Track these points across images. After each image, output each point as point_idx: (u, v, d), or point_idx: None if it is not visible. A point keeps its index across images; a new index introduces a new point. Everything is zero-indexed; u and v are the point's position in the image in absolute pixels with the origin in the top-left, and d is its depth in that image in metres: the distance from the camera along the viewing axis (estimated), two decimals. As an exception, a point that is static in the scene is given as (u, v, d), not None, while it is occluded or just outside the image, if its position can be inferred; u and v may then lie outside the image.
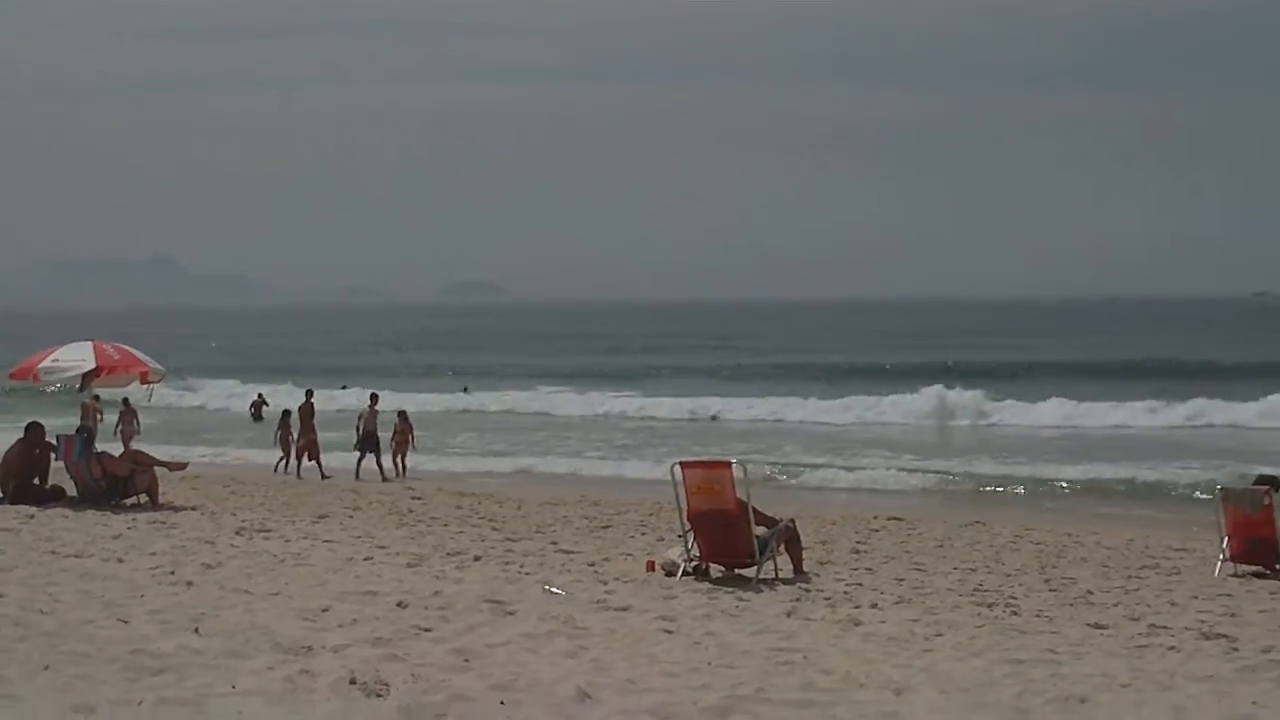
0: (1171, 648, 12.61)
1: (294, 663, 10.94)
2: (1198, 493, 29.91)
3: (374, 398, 36.20)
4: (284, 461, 35.74)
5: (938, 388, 56.44)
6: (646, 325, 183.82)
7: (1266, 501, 18.52)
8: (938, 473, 34.85)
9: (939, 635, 13.14)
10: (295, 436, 35.64)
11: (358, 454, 34.32)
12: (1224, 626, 13.74)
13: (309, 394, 36.76)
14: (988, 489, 32.68)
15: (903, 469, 35.61)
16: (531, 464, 38.58)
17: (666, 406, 59.23)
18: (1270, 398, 51.61)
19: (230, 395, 65.83)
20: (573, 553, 18.96)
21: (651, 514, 24.79)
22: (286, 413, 37.38)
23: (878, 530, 23.84)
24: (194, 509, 23.87)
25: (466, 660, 11.27)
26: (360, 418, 34.97)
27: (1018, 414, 53.68)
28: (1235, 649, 12.59)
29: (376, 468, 33.88)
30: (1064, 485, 32.78)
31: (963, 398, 55.66)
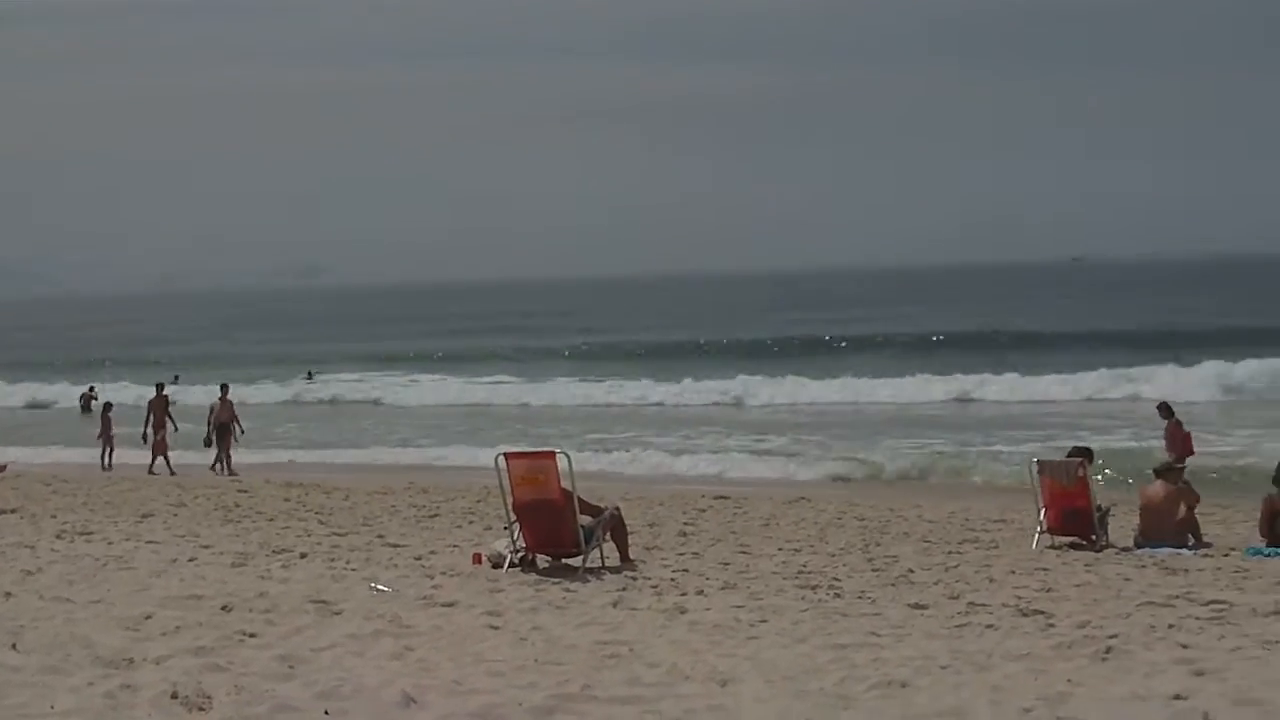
0: (989, 626, 12.85)
1: (115, 677, 10.73)
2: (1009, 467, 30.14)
3: (224, 388, 35.74)
4: (105, 455, 35.17)
5: (741, 377, 56.72)
6: (468, 306, 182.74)
7: (1080, 473, 19.00)
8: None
9: (764, 621, 13.27)
10: (114, 431, 35.14)
11: (212, 447, 33.93)
12: (1040, 602, 14.01)
13: (160, 387, 36.16)
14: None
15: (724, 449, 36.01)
16: (364, 452, 38.42)
17: (506, 392, 58.98)
18: (1085, 374, 52.42)
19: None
20: (399, 546, 18.87)
21: (480, 500, 24.78)
22: (108, 405, 36.79)
23: (705, 510, 24.04)
24: (13, 512, 23.35)
25: (291, 667, 11.14)
26: (211, 410, 34.46)
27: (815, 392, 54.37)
28: (1051, 625, 12.84)
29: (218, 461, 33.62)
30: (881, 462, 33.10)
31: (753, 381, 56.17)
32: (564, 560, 16.73)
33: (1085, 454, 19.95)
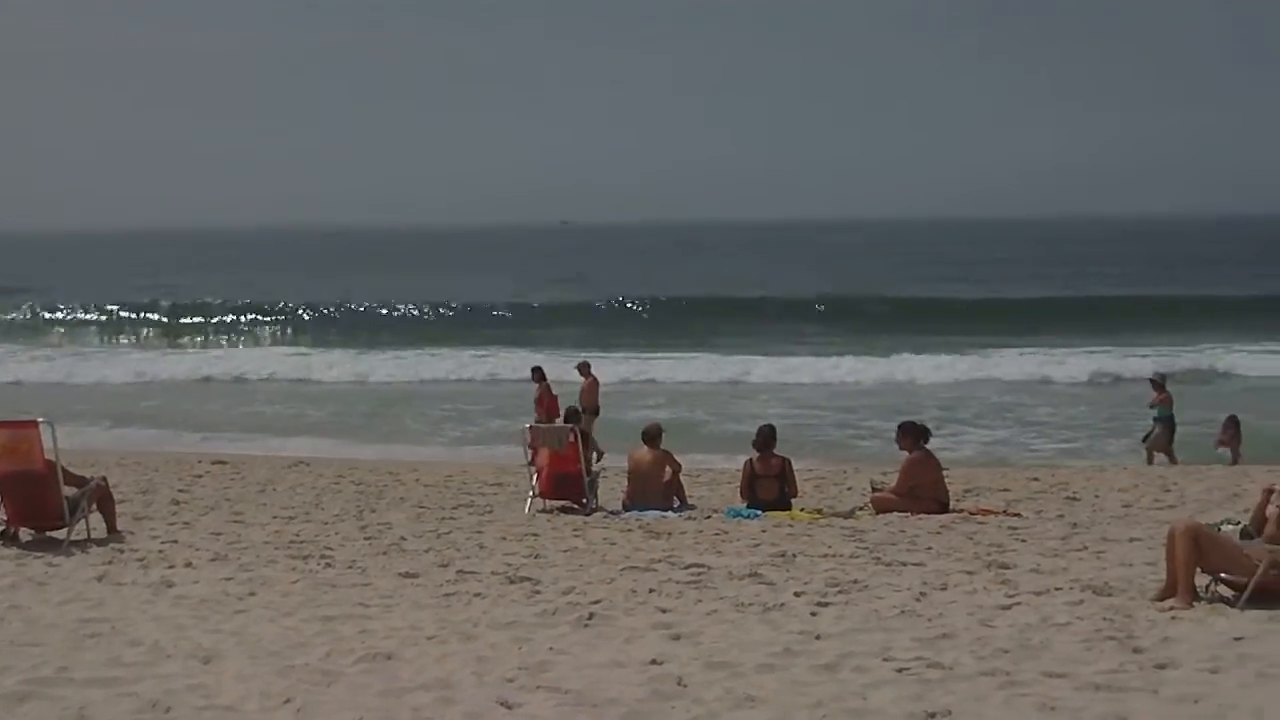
0: (478, 594, 13.00)
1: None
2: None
3: None
4: None
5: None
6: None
7: (571, 439, 19.48)
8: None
9: (252, 594, 13.10)
10: None
11: None
12: (528, 569, 14.26)
13: None
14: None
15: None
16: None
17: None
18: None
19: None
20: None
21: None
22: None
23: (201, 476, 23.56)
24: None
25: None
26: None
27: None
28: (538, 592, 13.09)
29: None
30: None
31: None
32: (49, 534, 16.10)
33: (576, 419, 20.51)
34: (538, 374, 28.78)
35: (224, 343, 66.16)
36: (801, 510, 18.72)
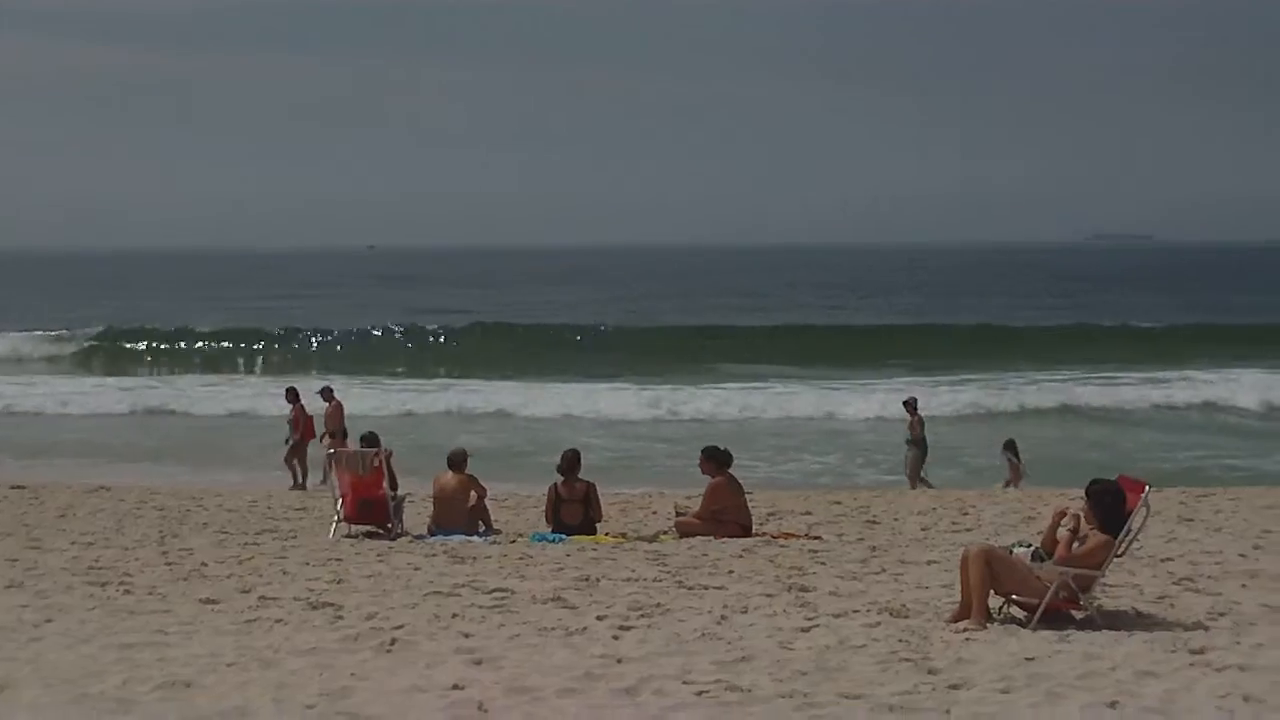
0: (279, 620, 12.91)
1: None
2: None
3: None
4: None
5: None
6: None
7: (376, 463, 19.37)
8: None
9: (49, 621, 12.89)
10: None
11: None
12: (331, 594, 14.17)
13: None
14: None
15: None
16: None
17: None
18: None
19: None
20: None
21: None
22: None
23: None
24: None
25: None
26: None
27: None
28: (340, 617, 13.02)
29: None
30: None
31: None
32: None
33: (376, 442, 20.45)
34: (326, 393, 28.82)
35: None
36: (606, 534, 18.84)
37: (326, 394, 29.03)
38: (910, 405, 28.73)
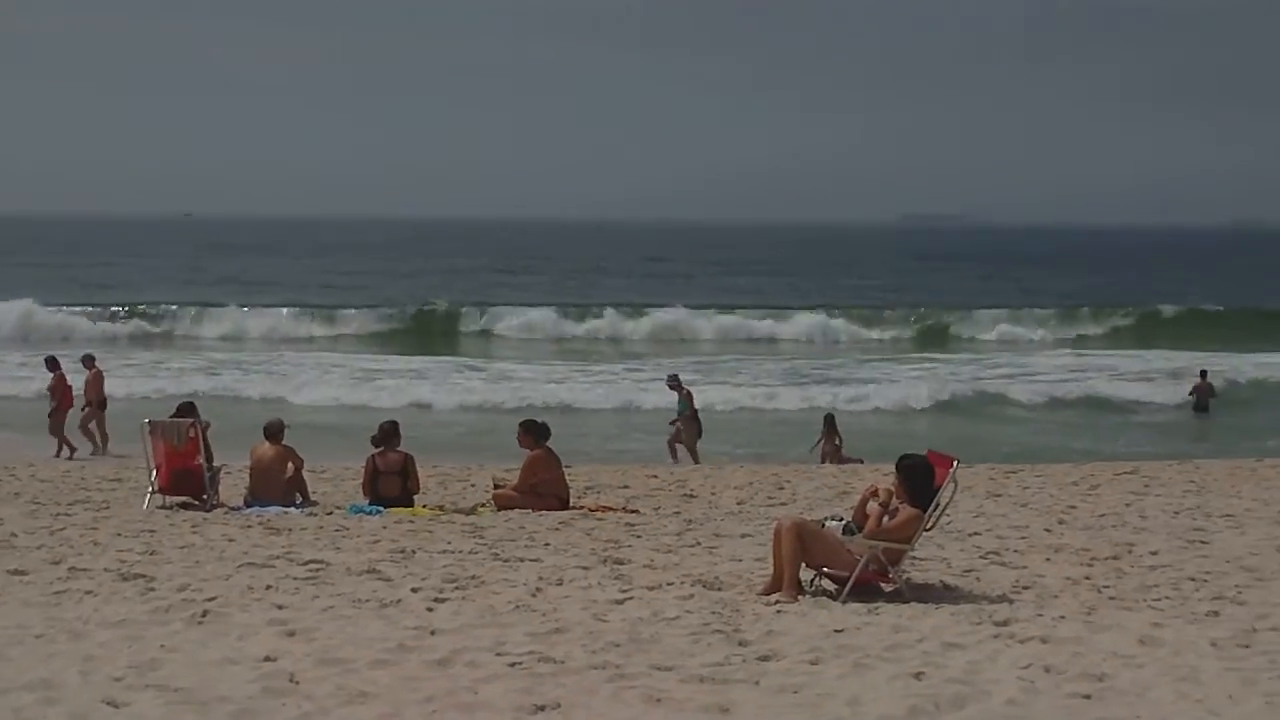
0: (89, 592, 12.73)
1: None
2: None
3: None
4: None
5: None
6: None
7: (192, 434, 19.15)
8: None
9: None
10: None
11: None
12: (143, 565, 13.99)
13: None
14: None
15: None
16: None
17: None
18: None
19: None
20: None
21: None
22: None
23: None
24: None
25: None
26: None
27: None
28: (152, 589, 12.87)
29: None
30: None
31: None
32: None
33: (194, 412, 20.24)
34: (87, 361, 28.89)
35: None
36: (424, 506, 18.83)
37: (87, 361, 28.75)
38: (674, 381, 29.35)
